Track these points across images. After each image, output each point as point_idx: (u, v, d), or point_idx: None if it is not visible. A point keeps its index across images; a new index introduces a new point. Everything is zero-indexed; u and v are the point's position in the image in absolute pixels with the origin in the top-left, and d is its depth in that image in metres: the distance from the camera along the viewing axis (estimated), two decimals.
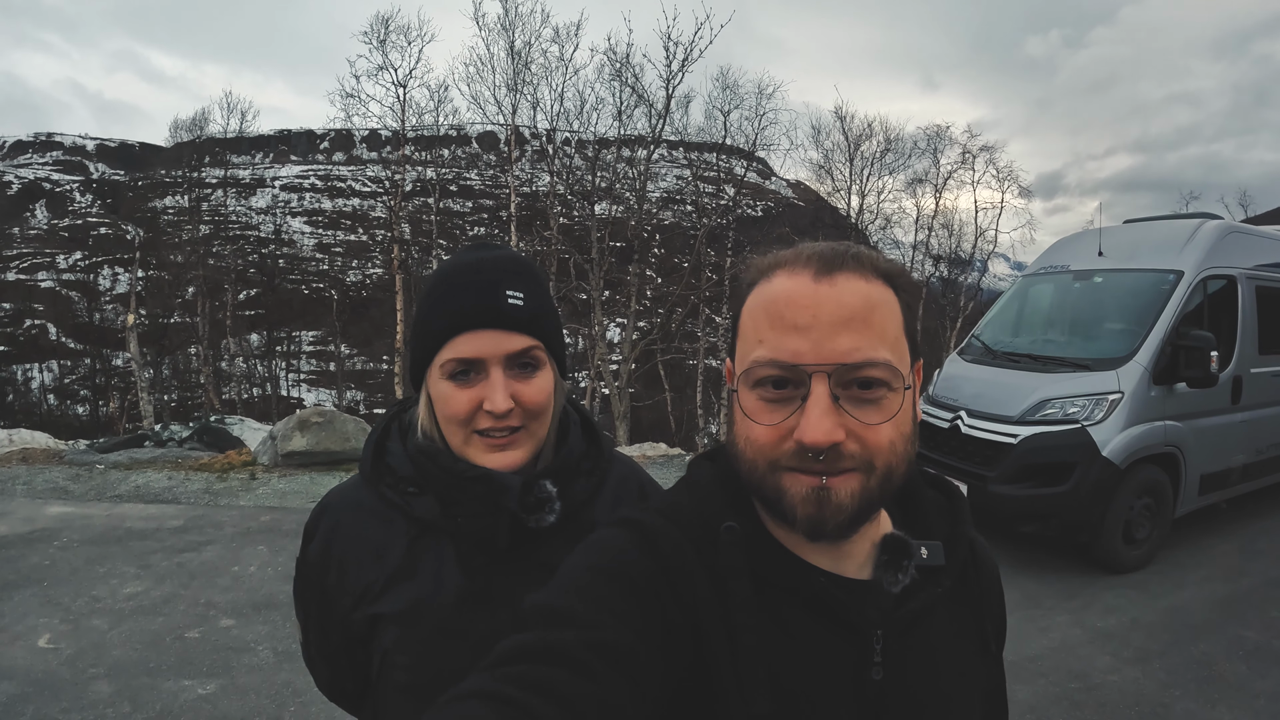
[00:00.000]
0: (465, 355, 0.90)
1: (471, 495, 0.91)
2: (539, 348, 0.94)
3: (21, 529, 5.67)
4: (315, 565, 0.97)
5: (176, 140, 32.65)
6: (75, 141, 60.11)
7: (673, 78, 19.23)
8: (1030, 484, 4.76)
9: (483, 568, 0.94)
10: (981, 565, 0.80)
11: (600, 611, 0.62)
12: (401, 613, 0.92)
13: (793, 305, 0.65)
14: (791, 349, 0.64)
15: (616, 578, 0.65)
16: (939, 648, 0.73)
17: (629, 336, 20.85)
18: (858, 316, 0.64)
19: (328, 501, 1.01)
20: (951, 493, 0.82)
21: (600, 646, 0.59)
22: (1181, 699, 3.41)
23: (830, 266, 0.65)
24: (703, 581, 0.67)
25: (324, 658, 1.02)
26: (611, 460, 1.07)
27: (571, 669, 0.57)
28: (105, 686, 3.41)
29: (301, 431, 7.82)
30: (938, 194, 27.10)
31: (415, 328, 0.96)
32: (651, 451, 9.30)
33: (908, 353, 0.68)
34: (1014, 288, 6.64)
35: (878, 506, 0.67)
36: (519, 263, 0.97)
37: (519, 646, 0.60)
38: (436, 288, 0.94)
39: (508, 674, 0.58)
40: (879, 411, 0.64)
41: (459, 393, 0.91)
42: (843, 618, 0.68)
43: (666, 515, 0.72)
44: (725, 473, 0.73)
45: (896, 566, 0.70)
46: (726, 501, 0.71)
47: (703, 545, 0.69)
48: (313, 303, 43.40)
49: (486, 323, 0.90)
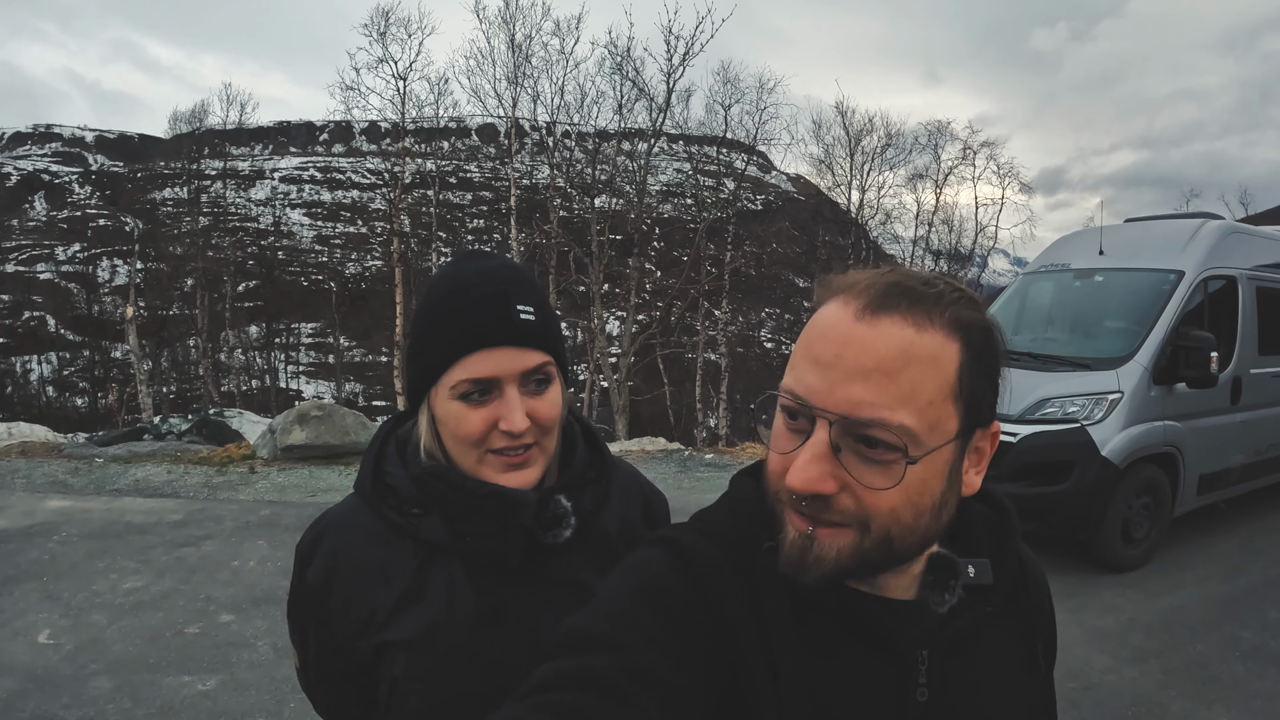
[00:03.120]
0: (480, 375, 0.86)
1: (484, 514, 0.89)
2: (551, 363, 0.91)
3: (21, 523, 5.67)
4: (315, 591, 0.93)
5: (176, 132, 32.62)
6: (74, 133, 59.79)
7: (673, 71, 19.22)
8: (1029, 483, 4.76)
9: (494, 587, 0.91)
10: (1031, 582, 0.77)
11: (637, 636, 0.60)
12: (411, 639, 0.89)
13: (824, 339, 0.61)
14: (807, 384, 0.61)
15: (654, 601, 0.63)
16: (986, 668, 0.70)
17: (628, 330, 20.85)
18: (883, 369, 0.58)
19: (325, 524, 0.97)
20: (1001, 507, 0.77)
21: (637, 672, 0.58)
22: (1178, 699, 3.42)
23: (880, 305, 0.60)
24: (742, 604, 0.64)
25: (324, 684, 0.99)
26: (615, 469, 1.05)
27: (608, 696, 0.56)
28: (105, 682, 3.41)
29: (301, 425, 7.82)
30: (938, 189, 27.09)
31: (419, 345, 0.90)
32: (650, 446, 9.30)
33: (955, 417, 0.61)
34: (1014, 285, 6.63)
35: (879, 568, 0.64)
36: (522, 273, 0.94)
37: (555, 673, 0.58)
38: (441, 303, 0.89)
39: (543, 702, 0.56)
40: (884, 476, 0.59)
41: (472, 413, 0.87)
42: (885, 639, 0.66)
43: (706, 534, 0.69)
44: (767, 491, 0.71)
45: (943, 586, 0.67)
46: (768, 521, 0.67)
47: (742, 565, 0.66)
48: (312, 295, 43.37)
49: (500, 340, 0.86)
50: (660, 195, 28.19)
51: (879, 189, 26.28)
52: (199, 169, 32.27)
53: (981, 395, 0.63)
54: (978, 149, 26.63)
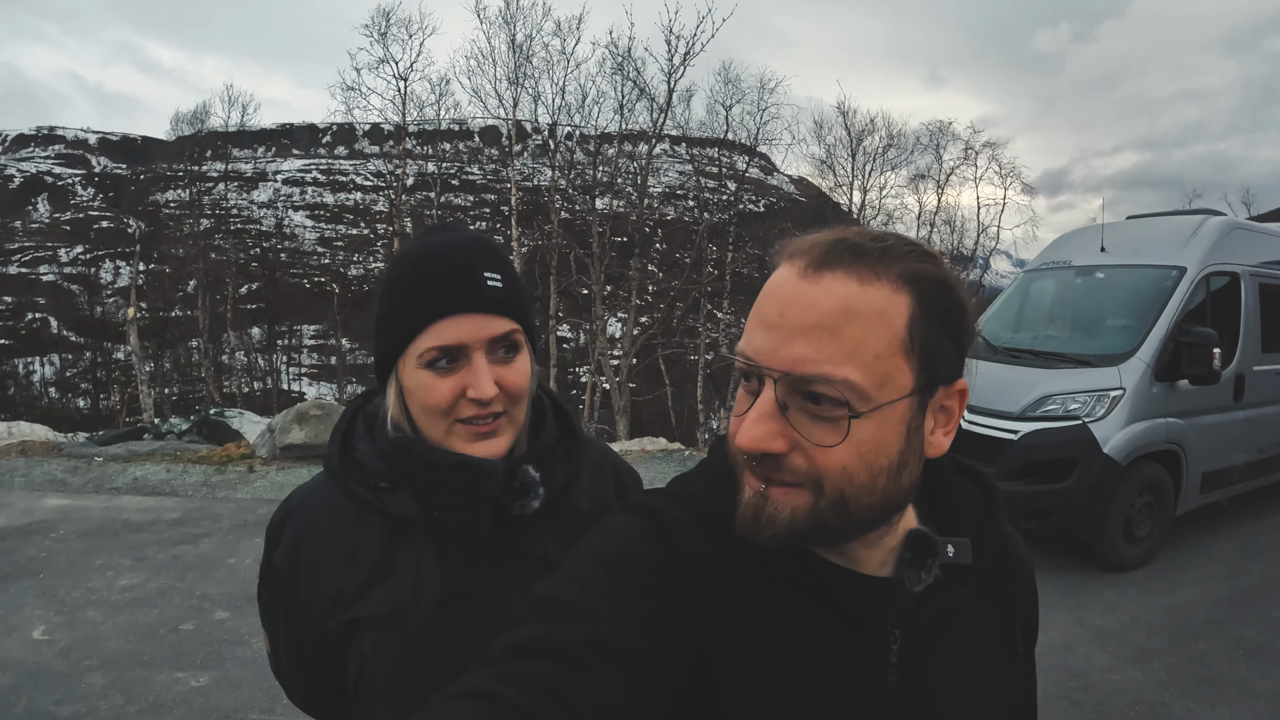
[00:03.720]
0: (447, 342, 0.85)
1: (451, 485, 0.87)
2: (519, 330, 0.90)
3: (19, 521, 5.66)
4: (283, 571, 0.92)
5: (178, 134, 32.69)
6: (77, 135, 60.05)
7: (674, 72, 19.22)
8: (1031, 480, 4.74)
9: (463, 563, 0.90)
10: (1015, 564, 0.75)
11: (605, 605, 0.59)
12: (379, 616, 0.88)
13: (769, 299, 0.61)
14: (755, 345, 0.60)
15: (625, 568, 0.62)
16: (962, 650, 0.69)
17: (630, 331, 20.84)
18: (825, 324, 0.57)
19: (292, 503, 0.96)
20: (986, 484, 0.76)
21: (602, 643, 0.56)
22: (1181, 698, 3.39)
23: (822, 262, 0.59)
24: (714, 572, 0.63)
25: (294, 668, 0.98)
26: (586, 445, 1.04)
27: (571, 666, 0.55)
28: (99, 678, 3.39)
29: (299, 424, 7.81)
30: (940, 190, 27.07)
31: (384, 316, 0.90)
32: (651, 446, 9.27)
33: (908, 372, 0.59)
34: (1016, 283, 6.61)
35: (839, 533, 0.62)
36: (489, 243, 0.93)
37: (518, 642, 0.57)
38: (407, 273, 0.89)
39: (504, 672, 0.55)
40: (831, 432, 0.58)
41: (440, 381, 0.86)
42: (857, 616, 0.64)
43: (681, 500, 0.68)
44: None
45: (920, 565, 0.65)
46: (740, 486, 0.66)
47: (717, 533, 0.65)
48: (314, 296, 43.48)
49: (467, 307, 0.86)
50: (662, 196, 28.18)
51: (881, 190, 26.32)
52: (201, 171, 32.37)
53: (939, 350, 0.61)
54: (980, 149, 26.66)
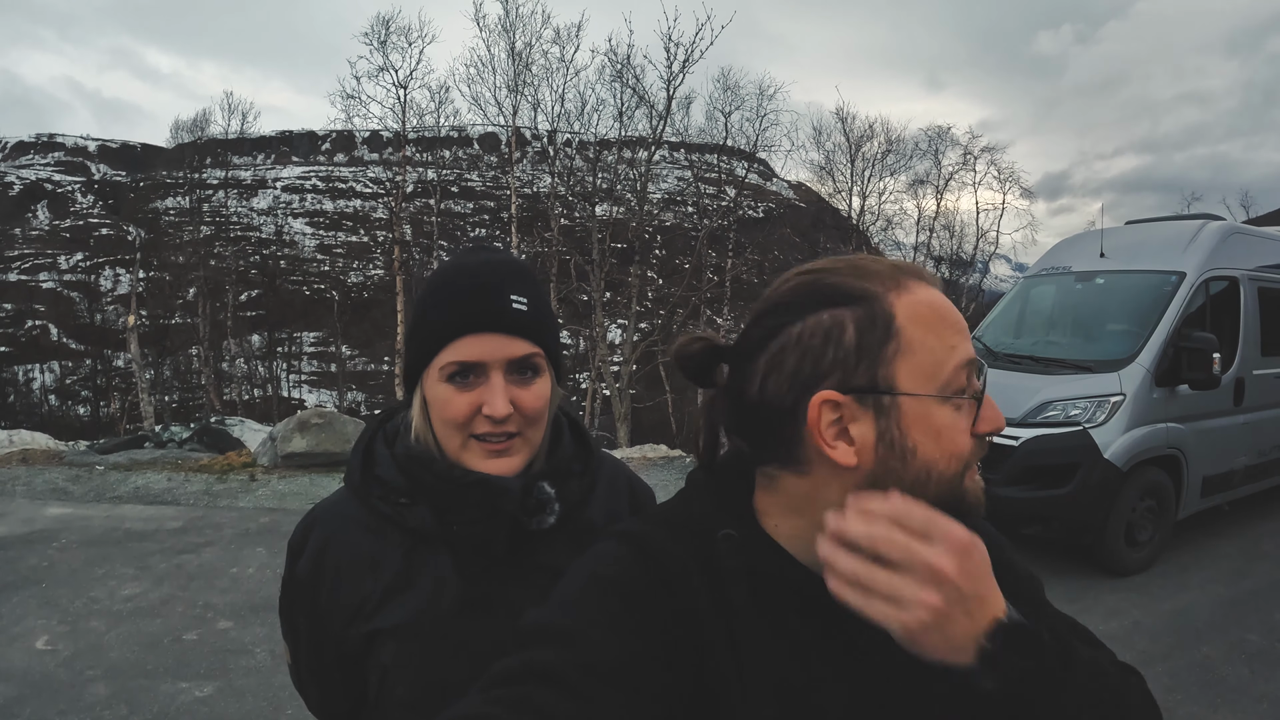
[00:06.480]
0: (466, 358, 0.88)
1: (468, 501, 0.89)
2: (540, 355, 0.92)
3: (20, 530, 5.66)
4: (305, 582, 0.94)
5: (178, 141, 32.79)
6: (77, 142, 60.11)
7: (674, 79, 19.23)
8: (1032, 486, 4.74)
9: (481, 576, 0.92)
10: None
11: (596, 629, 0.61)
12: (399, 627, 0.90)
13: (950, 309, 0.68)
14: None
15: (614, 593, 0.65)
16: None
17: (630, 338, 20.84)
18: None
19: (316, 515, 0.98)
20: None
21: (594, 667, 0.58)
22: (1184, 703, 3.39)
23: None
24: (703, 591, 0.66)
25: (315, 677, 1.00)
26: (601, 461, 1.06)
27: (563, 690, 0.57)
28: (102, 688, 3.39)
29: (301, 433, 7.81)
30: (939, 195, 27.12)
31: (414, 328, 0.93)
32: (652, 453, 9.27)
33: None
34: (1015, 288, 6.62)
35: None
36: (522, 268, 0.95)
37: (512, 667, 0.60)
38: (439, 289, 0.91)
39: (499, 696, 0.57)
40: None
41: (458, 396, 0.89)
42: (843, 621, 0.66)
43: (663, 526, 0.71)
44: (721, 481, 0.74)
45: None
46: (723, 509, 0.71)
47: (701, 554, 0.68)
48: (314, 304, 43.46)
49: (490, 326, 0.88)
50: (661, 203, 28.22)
51: (880, 195, 26.37)
52: (201, 178, 32.40)
53: None
54: (979, 154, 26.74)
